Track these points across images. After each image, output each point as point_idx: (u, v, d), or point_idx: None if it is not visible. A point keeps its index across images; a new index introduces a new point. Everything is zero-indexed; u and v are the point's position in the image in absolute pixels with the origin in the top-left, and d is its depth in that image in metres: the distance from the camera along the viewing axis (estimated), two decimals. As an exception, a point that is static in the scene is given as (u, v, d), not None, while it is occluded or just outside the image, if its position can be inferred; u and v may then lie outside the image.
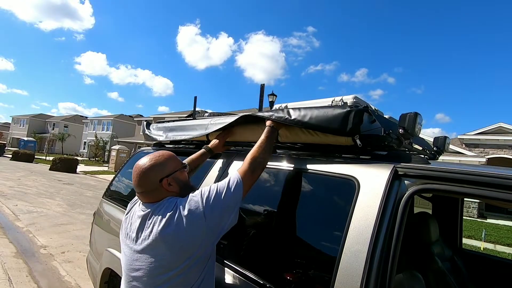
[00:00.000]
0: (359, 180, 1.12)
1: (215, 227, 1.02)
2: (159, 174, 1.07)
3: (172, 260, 0.98)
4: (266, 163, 1.22)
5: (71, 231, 5.41)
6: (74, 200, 8.59)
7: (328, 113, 1.25)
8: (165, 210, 1.01)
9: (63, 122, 45.15)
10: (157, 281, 0.99)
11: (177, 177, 1.11)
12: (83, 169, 19.51)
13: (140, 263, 1.01)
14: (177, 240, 0.97)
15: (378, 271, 0.93)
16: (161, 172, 1.07)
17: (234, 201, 1.06)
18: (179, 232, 0.97)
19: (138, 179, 1.07)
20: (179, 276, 0.98)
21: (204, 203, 1.01)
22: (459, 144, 15.17)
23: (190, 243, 0.98)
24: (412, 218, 1.80)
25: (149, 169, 1.07)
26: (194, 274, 1.01)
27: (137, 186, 1.08)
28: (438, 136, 1.89)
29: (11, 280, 3.29)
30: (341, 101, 1.53)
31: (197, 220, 0.98)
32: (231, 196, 1.05)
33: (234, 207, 1.06)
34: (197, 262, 1.01)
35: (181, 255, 0.98)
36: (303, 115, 1.31)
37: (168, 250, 0.97)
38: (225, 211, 1.03)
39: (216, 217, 1.01)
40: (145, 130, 2.46)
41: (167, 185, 1.07)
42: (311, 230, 1.31)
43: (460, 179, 0.96)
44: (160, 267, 0.98)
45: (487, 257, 2.27)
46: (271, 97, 12.06)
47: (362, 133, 1.20)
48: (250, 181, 1.14)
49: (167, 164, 1.10)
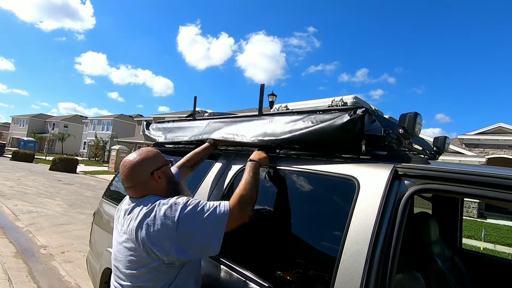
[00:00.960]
0: (359, 180, 1.12)
1: (184, 243, 0.98)
2: (150, 167, 1.11)
3: (145, 257, 1.00)
4: (253, 202, 1.14)
5: (71, 231, 5.41)
6: (74, 200, 8.59)
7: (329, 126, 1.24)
8: (143, 207, 1.03)
9: (63, 122, 45.15)
10: (136, 274, 1.02)
11: (165, 171, 1.16)
12: (83, 169, 19.50)
13: (120, 255, 1.05)
14: (147, 240, 0.98)
15: (378, 271, 0.93)
16: (151, 165, 1.12)
17: (213, 228, 1.00)
18: (150, 234, 0.98)
19: (128, 173, 1.09)
20: (153, 273, 1.00)
21: (181, 215, 0.98)
22: (459, 144, 15.17)
23: (159, 247, 0.98)
24: (412, 218, 1.80)
25: (140, 162, 1.10)
26: (167, 276, 1.02)
27: (126, 180, 1.10)
28: (438, 136, 1.89)
29: (11, 280, 3.29)
30: (341, 101, 1.53)
31: (168, 228, 0.97)
32: (212, 222, 1.00)
33: (213, 235, 1.00)
34: (169, 266, 1.01)
35: (153, 255, 0.99)
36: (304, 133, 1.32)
37: (140, 247, 0.99)
38: (200, 233, 0.99)
39: (187, 234, 0.98)
40: (145, 131, 2.46)
41: (157, 177, 1.11)
42: (311, 230, 1.31)
43: (460, 179, 0.96)
44: (134, 261, 1.01)
45: (487, 257, 2.27)
46: (271, 97, 12.06)
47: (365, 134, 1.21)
48: (237, 217, 1.06)
49: (156, 158, 1.15)
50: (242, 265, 1.32)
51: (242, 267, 1.31)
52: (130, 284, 1.03)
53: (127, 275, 1.03)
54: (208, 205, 1.03)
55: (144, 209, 1.03)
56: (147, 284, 1.01)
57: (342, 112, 1.25)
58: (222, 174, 1.63)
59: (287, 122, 1.43)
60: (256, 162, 1.30)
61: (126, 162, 1.11)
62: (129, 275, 1.02)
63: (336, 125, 1.21)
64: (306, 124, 1.33)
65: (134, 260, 1.01)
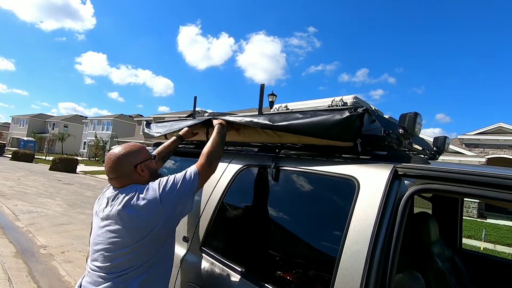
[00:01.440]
0: (359, 180, 1.12)
1: (170, 212, 1.11)
2: (134, 160, 1.19)
3: (127, 238, 1.07)
4: (220, 156, 1.31)
5: (71, 231, 5.41)
6: (74, 200, 8.59)
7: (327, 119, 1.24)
8: (126, 193, 1.12)
9: (63, 122, 45.14)
10: (113, 256, 1.08)
11: (149, 165, 1.24)
12: (83, 169, 19.50)
13: (101, 238, 1.11)
14: (132, 221, 1.07)
15: (378, 271, 0.93)
16: (135, 158, 1.20)
17: (189, 190, 1.15)
18: (135, 214, 1.07)
19: (113, 165, 1.17)
20: (132, 253, 1.07)
21: (161, 190, 1.11)
22: (459, 144, 15.17)
23: (144, 225, 1.07)
24: (412, 218, 1.80)
25: (125, 155, 1.18)
26: (148, 253, 1.10)
27: (111, 171, 1.18)
28: (438, 136, 1.89)
29: (11, 280, 3.29)
30: (341, 101, 1.52)
31: (153, 204, 1.08)
32: (186, 185, 1.15)
33: (189, 196, 1.16)
34: (151, 242, 1.09)
35: (136, 234, 1.07)
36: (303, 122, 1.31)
37: (124, 229, 1.08)
38: (180, 198, 1.13)
39: (171, 203, 1.11)
40: (145, 129, 2.46)
41: (140, 170, 1.20)
42: (311, 230, 1.31)
43: (460, 179, 0.96)
44: (116, 243, 1.08)
45: (487, 257, 2.27)
46: (271, 97, 12.07)
47: (363, 133, 1.21)
48: (207, 173, 1.24)
49: (140, 152, 1.23)
50: (242, 265, 1.32)
51: (243, 267, 1.31)
52: (109, 265, 1.08)
53: (107, 257, 1.08)
54: (180, 175, 1.17)
55: (129, 194, 1.12)
56: (125, 264, 1.07)
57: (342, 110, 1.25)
58: (222, 174, 1.63)
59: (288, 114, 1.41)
60: (219, 124, 1.45)
61: (111, 155, 1.19)
62: (109, 256, 1.08)
63: (335, 120, 1.21)
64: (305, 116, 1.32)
65: (116, 242, 1.08)
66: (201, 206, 1.60)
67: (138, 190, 1.12)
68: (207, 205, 1.57)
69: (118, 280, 1.06)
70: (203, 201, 1.60)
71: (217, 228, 1.53)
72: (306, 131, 1.30)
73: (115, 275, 1.06)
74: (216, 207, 1.53)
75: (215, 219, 1.52)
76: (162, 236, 1.13)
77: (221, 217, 1.55)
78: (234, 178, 1.57)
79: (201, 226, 1.53)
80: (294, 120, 1.34)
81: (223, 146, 1.37)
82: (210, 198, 1.58)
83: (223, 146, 1.37)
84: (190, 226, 1.59)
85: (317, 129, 1.26)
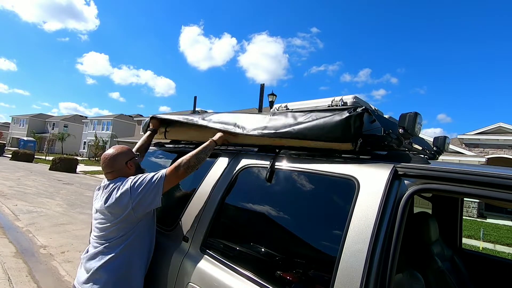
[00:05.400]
0: (359, 180, 1.11)
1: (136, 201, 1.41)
2: (125, 158, 1.57)
3: (110, 216, 1.44)
4: (191, 167, 1.52)
5: (71, 231, 5.41)
6: (74, 200, 8.59)
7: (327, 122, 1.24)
8: (114, 184, 1.48)
9: (63, 122, 45.11)
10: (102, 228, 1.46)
11: (135, 162, 1.63)
12: (83, 169, 19.50)
13: (96, 216, 1.50)
14: (112, 205, 1.42)
15: (378, 270, 0.93)
16: (126, 157, 1.58)
17: (152, 191, 1.43)
18: (113, 200, 1.42)
19: (109, 162, 1.54)
20: (114, 227, 1.43)
21: (132, 184, 1.44)
22: (459, 144, 15.17)
23: (118, 208, 1.42)
24: (412, 218, 1.80)
25: (118, 155, 1.57)
26: (125, 228, 1.44)
27: (106, 167, 1.54)
28: (438, 136, 1.88)
29: (11, 280, 3.29)
30: (341, 101, 1.52)
31: (124, 194, 1.42)
32: (150, 186, 1.44)
33: (153, 194, 1.43)
34: (127, 220, 1.43)
35: (115, 213, 1.43)
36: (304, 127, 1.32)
37: (108, 209, 1.43)
38: (144, 194, 1.42)
39: (137, 196, 1.41)
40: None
41: (129, 165, 1.58)
42: (311, 230, 1.31)
43: (460, 179, 0.96)
44: (104, 219, 1.46)
45: (487, 257, 2.27)
46: (271, 97, 12.07)
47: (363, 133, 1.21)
48: (173, 179, 1.49)
49: (129, 152, 1.62)
50: (242, 265, 1.32)
51: (243, 267, 1.31)
52: (102, 234, 1.46)
53: (100, 229, 1.47)
54: (150, 176, 1.47)
55: (116, 184, 1.47)
56: (110, 235, 1.44)
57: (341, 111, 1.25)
58: (222, 174, 1.63)
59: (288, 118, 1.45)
60: (211, 140, 1.66)
61: (107, 155, 1.57)
62: (101, 229, 1.46)
63: (335, 121, 1.21)
64: (306, 120, 1.34)
65: (104, 218, 1.46)
66: (201, 206, 1.60)
67: (121, 182, 1.47)
68: (207, 205, 1.57)
69: (107, 246, 1.43)
70: (203, 201, 1.60)
71: (217, 228, 1.53)
72: (307, 134, 1.30)
73: (105, 242, 1.44)
74: (216, 207, 1.53)
75: (215, 219, 1.52)
76: (136, 217, 1.43)
77: (221, 217, 1.55)
78: (234, 178, 1.57)
79: (201, 226, 1.53)
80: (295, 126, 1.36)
81: (200, 159, 1.55)
82: (210, 198, 1.58)
83: (201, 160, 1.56)
84: (190, 226, 1.59)
85: (318, 132, 1.27)
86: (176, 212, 1.71)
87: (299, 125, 1.35)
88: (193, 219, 1.59)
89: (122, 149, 1.60)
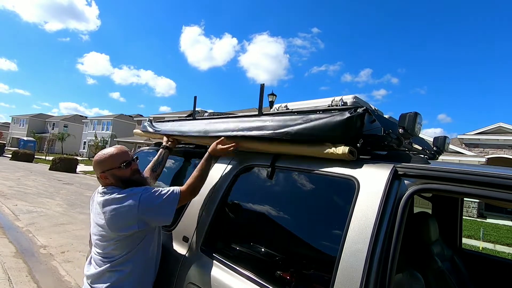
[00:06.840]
0: (359, 180, 1.11)
1: (145, 220, 1.28)
2: (99, 168, 1.36)
3: (108, 233, 1.28)
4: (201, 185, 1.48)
5: (71, 231, 5.41)
6: (74, 200, 8.59)
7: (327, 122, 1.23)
8: (107, 196, 1.30)
9: (63, 122, 45.11)
10: (105, 245, 1.31)
11: (114, 173, 1.35)
12: (83, 169, 19.49)
13: (95, 229, 1.34)
14: (111, 221, 1.26)
15: (378, 270, 0.93)
16: (100, 167, 1.36)
17: (168, 208, 1.31)
18: (113, 216, 1.26)
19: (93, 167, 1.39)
20: (115, 245, 1.29)
21: (140, 200, 1.27)
22: (459, 144, 15.17)
23: (120, 226, 1.26)
24: (412, 218, 1.80)
25: (95, 162, 1.38)
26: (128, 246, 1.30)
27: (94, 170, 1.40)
28: (437, 136, 1.88)
29: (11, 280, 3.29)
30: (341, 101, 1.52)
31: (130, 211, 1.25)
32: (166, 205, 1.31)
33: (168, 212, 1.31)
34: (130, 238, 1.29)
35: (114, 231, 1.27)
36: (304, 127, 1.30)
37: (106, 225, 1.27)
38: (157, 213, 1.30)
39: (148, 214, 1.28)
40: (148, 128, 2.45)
41: (104, 178, 1.36)
42: (311, 230, 1.31)
43: (460, 179, 0.96)
44: (102, 236, 1.30)
45: (487, 257, 2.27)
46: (271, 97, 12.07)
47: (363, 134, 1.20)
48: (187, 199, 1.43)
49: (106, 162, 1.36)
50: (242, 265, 1.32)
51: (243, 267, 1.31)
52: (102, 252, 1.32)
53: (101, 246, 1.32)
54: (163, 192, 1.33)
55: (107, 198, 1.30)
56: (113, 252, 1.30)
57: (342, 111, 1.24)
58: (222, 173, 1.63)
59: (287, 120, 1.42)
60: (207, 153, 1.54)
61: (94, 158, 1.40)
62: (102, 246, 1.32)
63: (335, 121, 1.21)
64: (305, 120, 1.32)
65: (103, 235, 1.29)
66: (201, 206, 1.59)
67: (116, 195, 1.29)
68: (207, 205, 1.57)
69: (113, 264, 1.29)
70: (203, 201, 1.60)
71: (217, 228, 1.52)
72: (308, 134, 1.29)
73: (109, 261, 1.30)
74: (216, 207, 1.53)
75: (215, 219, 1.52)
76: (140, 234, 1.31)
77: (221, 217, 1.54)
78: (234, 178, 1.57)
79: (201, 226, 1.53)
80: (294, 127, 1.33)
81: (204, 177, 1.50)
82: (211, 198, 1.58)
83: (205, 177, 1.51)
84: (190, 226, 1.58)
85: (318, 133, 1.25)
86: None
87: (298, 126, 1.33)
88: (193, 219, 1.59)
89: (100, 157, 1.37)
